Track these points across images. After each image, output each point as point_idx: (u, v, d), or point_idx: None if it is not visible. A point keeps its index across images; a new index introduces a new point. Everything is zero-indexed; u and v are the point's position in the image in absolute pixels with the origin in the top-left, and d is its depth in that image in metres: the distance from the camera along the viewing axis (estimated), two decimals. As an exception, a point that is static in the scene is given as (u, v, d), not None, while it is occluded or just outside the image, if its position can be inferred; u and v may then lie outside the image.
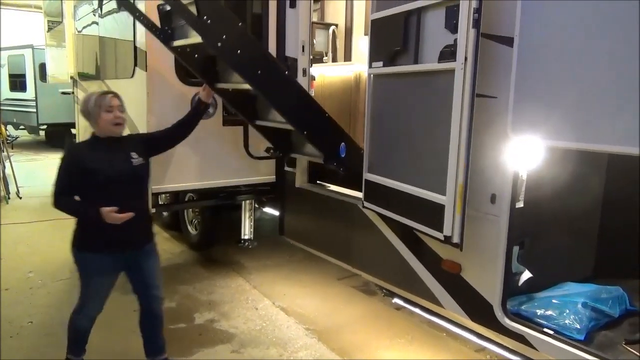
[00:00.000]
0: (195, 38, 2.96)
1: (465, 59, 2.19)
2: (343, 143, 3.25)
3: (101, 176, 2.51)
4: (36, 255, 5.03)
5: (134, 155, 2.66)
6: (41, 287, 4.23)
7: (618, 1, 1.79)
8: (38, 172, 9.91)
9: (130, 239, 2.64)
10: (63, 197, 2.53)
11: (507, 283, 2.41)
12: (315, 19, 7.02)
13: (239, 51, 2.81)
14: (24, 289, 4.18)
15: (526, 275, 2.58)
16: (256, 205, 4.59)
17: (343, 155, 3.24)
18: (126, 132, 3.76)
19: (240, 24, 2.90)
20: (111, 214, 2.44)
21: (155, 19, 3.26)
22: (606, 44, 1.86)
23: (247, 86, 3.06)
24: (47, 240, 5.56)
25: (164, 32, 3.21)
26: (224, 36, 2.72)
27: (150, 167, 2.75)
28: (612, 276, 2.84)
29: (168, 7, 3.15)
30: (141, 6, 3.44)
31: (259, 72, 2.91)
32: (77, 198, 2.56)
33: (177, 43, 3.19)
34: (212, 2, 2.73)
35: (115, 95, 2.63)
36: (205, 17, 2.65)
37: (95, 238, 2.58)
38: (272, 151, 3.70)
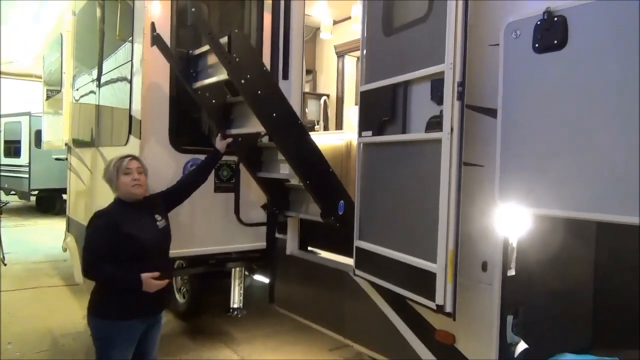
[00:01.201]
0: (218, 77, 3.22)
1: (451, 129, 2.26)
2: (342, 201, 3.30)
3: (134, 241, 2.48)
4: (16, 325, 4.84)
5: (158, 217, 2.66)
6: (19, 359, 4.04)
7: (598, 70, 1.88)
8: (25, 238, 9.76)
9: (156, 304, 2.60)
10: (97, 264, 2.44)
11: (502, 354, 2.35)
12: (307, 89, 7.28)
13: (259, 91, 3.08)
14: (1, 361, 3.99)
15: (522, 346, 2.51)
16: (246, 273, 4.51)
17: (341, 213, 3.29)
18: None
19: (264, 67, 3.24)
20: (150, 280, 2.39)
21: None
22: (592, 110, 1.92)
23: (258, 129, 3.29)
24: (29, 309, 5.38)
25: (189, 74, 3.46)
26: (248, 75, 3.02)
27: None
28: (609, 346, 2.77)
29: (196, 52, 3.44)
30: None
31: (274, 114, 3.13)
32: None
33: (199, 84, 3.41)
34: (244, 42, 3.06)
35: (134, 157, 2.65)
36: (234, 55, 2.94)
37: (126, 304, 2.49)
38: (268, 208, 3.80)
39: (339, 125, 7.13)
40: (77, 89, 5.68)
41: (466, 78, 2.27)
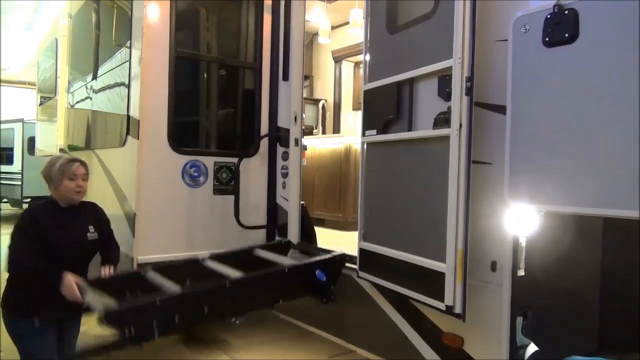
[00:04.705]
0: None
1: (460, 125, 2.21)
2: (317, 270, 3.12)
3: (57, 245, 2.41)
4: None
5: (91, 229, 2.59)
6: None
7: (611, 63, 1.84)
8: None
9: (67, 312, 2.53)
10: (22, 256, 2.38)
11: (512, 357, 2.29)
12: (304, 94, 7.25)
13: (205, 306, 2.68)
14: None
15: (532, 348, 2.45)
16: (245, 278, 4.43)
17: (324, 279, 3.11)
18: (114, 203, 3.72)
19: (188, 281, 2.75)
20: (72, 286, 2.32)
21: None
22: (600, 107, 1.89)
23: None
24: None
25: None
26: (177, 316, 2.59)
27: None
28: (618, 349, 2.72)
29: None
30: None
31: (226, 303, 2.79)
32: None
33: None
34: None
35: (82, 163, 2.57)
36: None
37: (35, 303, 2.43)
38: None
39: (336, 130, 7.12)
40: (73, 93, 5.61)
41: (474, 74, 2.24)
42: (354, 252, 3.01)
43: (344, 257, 3.21)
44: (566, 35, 1.98)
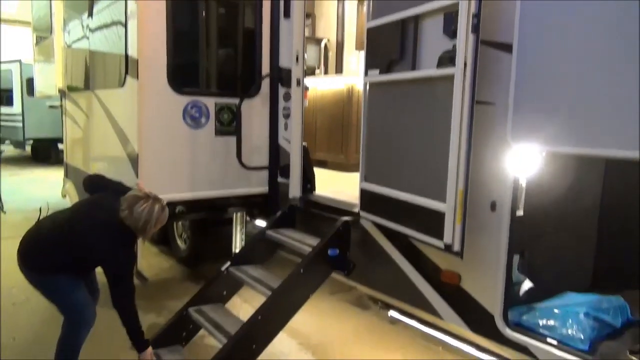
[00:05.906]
0: None
1: (465, 64, 2.17)
2: (328, 250, 3.14)
3: None
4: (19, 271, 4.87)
5: None
6: (24, 302, 4.08)
7: (617, 5, 1.79)
8: (22, 187, 9.72)
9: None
10: (132, 303, 2.66)
11: (508, 293, 2.36)
12: (306, 33, 7.06)
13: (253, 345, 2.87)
14: (6, 304, 4.02)
15: (527, 285, 2.53)
16: (248, 218, 4.51)
17: (337, 252, 3.14)
18: (117, 144, 3.73)
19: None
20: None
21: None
22: (605, 49, 1.84)
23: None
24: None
25: None
26: None
27: None
28: (611, 287, 2.80)
29: None
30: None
31: (267, 329, 2.92)
32: None
33: None
34: None
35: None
36: None
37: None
38: None
39: (338, 71, 6.99)
40: (69, 32, 5.47)
41: (481, 10, 2.16)
42: (355, 191, 3.04)
43: (348, 223, 3.21)
44: (578, -32, 1.90)
